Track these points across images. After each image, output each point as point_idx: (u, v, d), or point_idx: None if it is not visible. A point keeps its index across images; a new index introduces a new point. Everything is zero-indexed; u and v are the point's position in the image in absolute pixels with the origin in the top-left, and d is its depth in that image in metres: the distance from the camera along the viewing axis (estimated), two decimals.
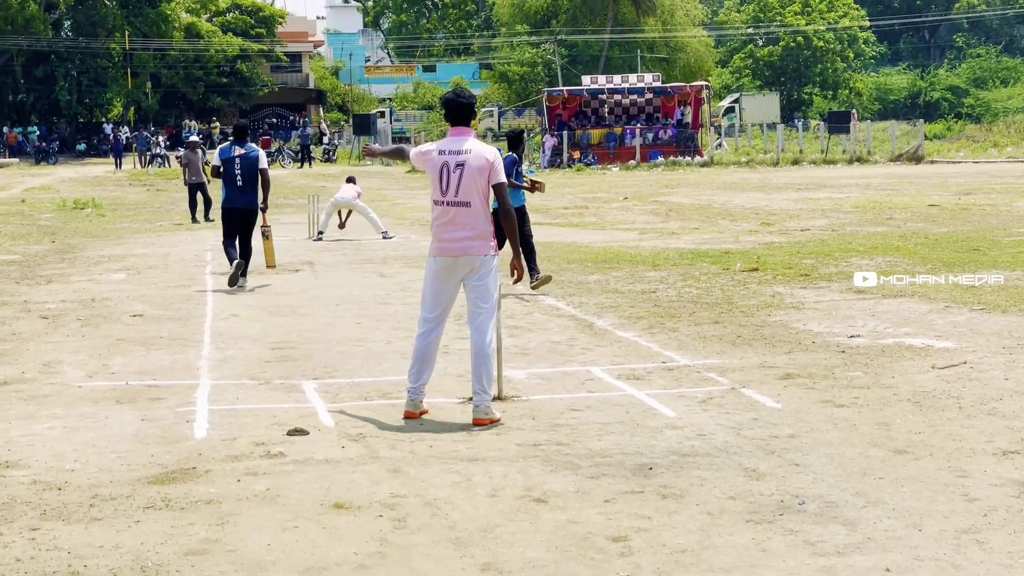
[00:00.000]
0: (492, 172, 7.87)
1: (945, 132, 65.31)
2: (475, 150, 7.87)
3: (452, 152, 7.88)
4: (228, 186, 14.95)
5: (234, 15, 74.78)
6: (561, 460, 6.91)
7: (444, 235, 7.91)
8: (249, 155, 15.00)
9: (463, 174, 7.82)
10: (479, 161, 7.84)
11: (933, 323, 11.22)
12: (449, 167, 7.85)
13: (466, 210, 7.85)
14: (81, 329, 11.80)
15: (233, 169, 14.88)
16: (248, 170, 14.93)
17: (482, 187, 7.85)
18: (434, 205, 7.95)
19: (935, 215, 22.70)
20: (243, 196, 14.99)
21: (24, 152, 63.77)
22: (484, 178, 7.84)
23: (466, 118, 8.05)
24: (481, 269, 7.91)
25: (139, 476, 6.67)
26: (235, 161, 14.90)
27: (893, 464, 6.68)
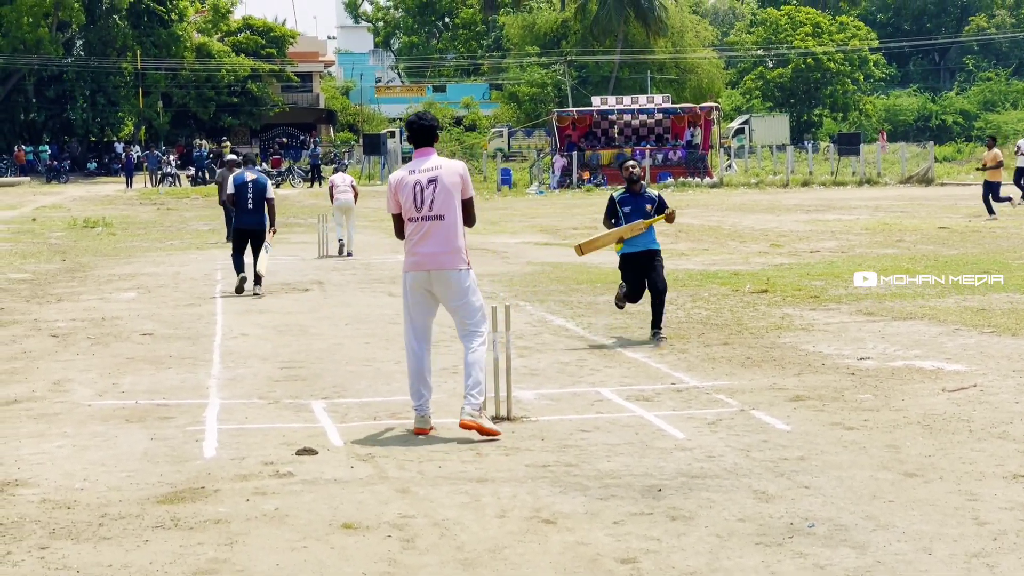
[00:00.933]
0: (465, 187, 8.17)
1: (955, 155, 65.23)
2: (445, 166, 8.14)
3: (422, 170, 8.12)
4: (240, 209, 16.49)
5: (245, 35, 75.01)
6: (570, 481, 6.91)
7: (418, 249, 8.10)
8: (259, 182, 16.56)
9: (436, 188, 8.04)
10: (452, 176, 8.09)
11: (943, 345, 11.20)
12: (422, 184, 8.06)
13: (440, 224, 8.03)
14: (91, 348, 11.83)
15: (245, 193, 16.37)
16: (257, 195, 16.41)
17: (457, 201, 8.10)
18: (408, 223, 8.13)
19: (945, 237, 22.67)
20: (252, 217, 16.46)
21: (35, 171, 63.96)
22: (458, 192, 8.10)
23: (429, 139, 8.27)
24: (457, 286, 8.07)
25: (148, 495, 6.67)
26: (247, 186, 16.40)
27: (903, 487, 6.66)
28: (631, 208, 11.85)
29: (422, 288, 8.16)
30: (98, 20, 69.02)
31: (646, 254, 11.90)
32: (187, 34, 70.96)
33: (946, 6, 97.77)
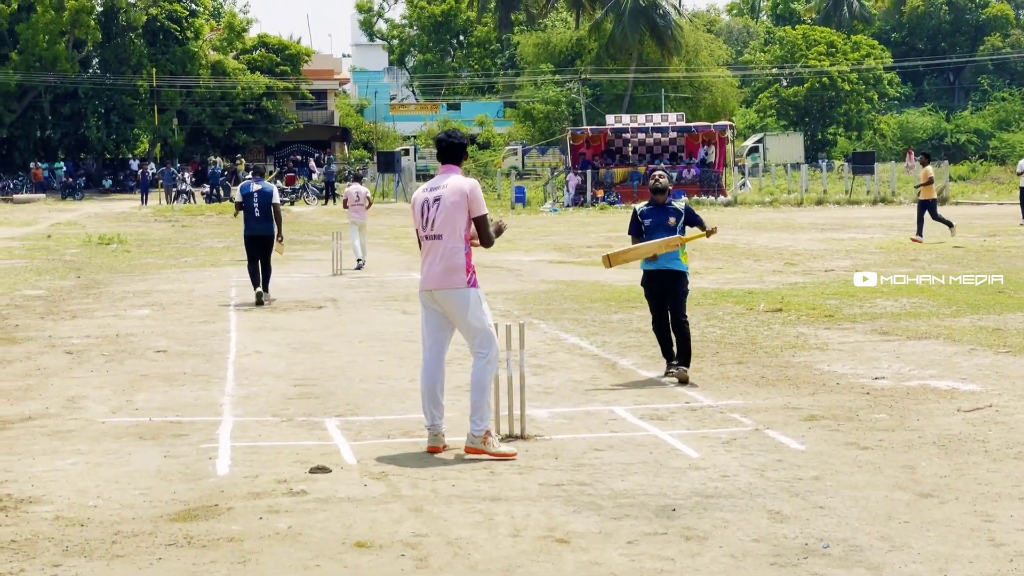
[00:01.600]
0: (471, 204, 8.03)
1: (970, 174, 65.10)
2: (451, 184, 8.06)
3: (432, 188, 8.15)
4: (248, 218, 17.45)
5: (260, 53, 75.27)
6: (584, 500, 6.89)
7: (423, 268, 8.19)
8: (265, 190, 17.55)
9: (438, 208, 8.03)
10: (454, 195, 8.01)
11: (958, 365, 11.16)
12: (428, 202, 8.10)
13: (438, 243, 8.03)
14: (105, 365, 11.85)
15: (252, 203, 17.39)
16: (264, 203, 17.36)
17: (458, 221, 7.99)
18: (420, 241, 8.24)
19: (960, 257, 22.61)
20: (260, 224, 17.41)
21: (51, 188, 64.21)
22: (460, 212, 7.99)
23: (453, 157, 8.23)
24: (460, 305, 8.01)
25: (161, 513, 6.67)
26: (254, 196, 17.42)
27: (918, 508, 6.62)
28: (652, 221, 10.92)
29: (432, 306, 8.17)
30: (114, 38, 69.38)
31: (667, 275, 10.86)
32: (202, 52, 71.25)
33: (961, 25, 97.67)
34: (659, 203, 11.00)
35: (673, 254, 10.87)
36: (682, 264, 10.94)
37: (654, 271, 10.93)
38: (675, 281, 10.90)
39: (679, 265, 10.91)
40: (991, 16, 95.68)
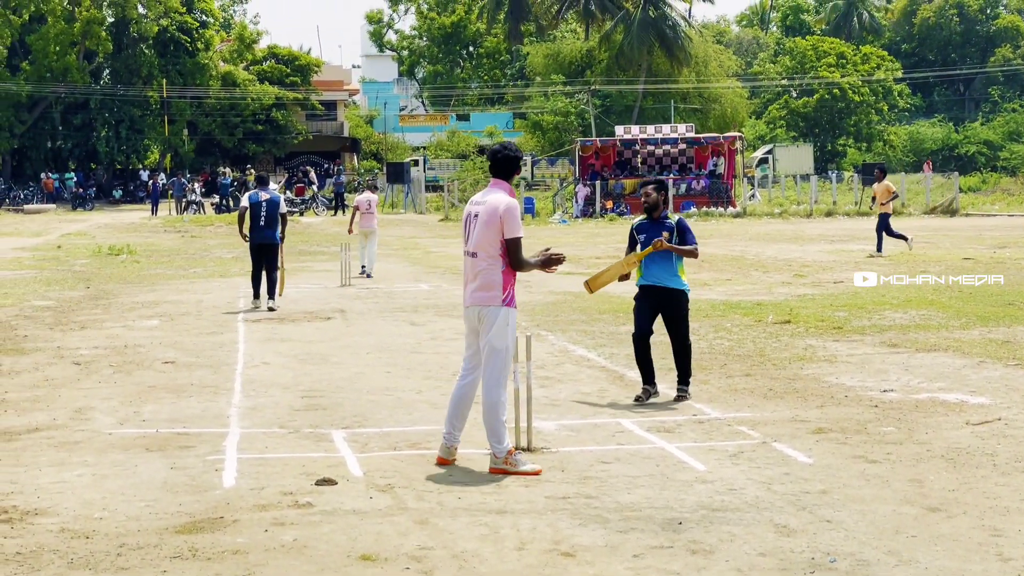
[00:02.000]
0: (504, 225, 7.83)
1: (980, 185, 65.02)
2: (490, 201, 7.92)
3: (476, 203, 8.04)
4: (254, 226, 17.84)
5: (270, 64, 75.49)
6: (590, 513, 6.87)
7: (464, 284, 8.15)
8: (273, 200, 17.95)
9: (475, 225, 7.95)
10: (488, 214, 7.88)
11: (967, 378, 11.12)
12: (470, 217, 8.03)
13: (472, 260, 7.98)
14: (113, 376, 11.85)
15: (259, 211, 17.79)
16: (271, 212, 17.80)
17: (492, 240, 7.86)
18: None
19: (970, 268, 22.54)
20: (265, 232, 17.83)
21: (61, 198, 64.39)
22: (494, 231, 7.84)
23: (504, 171, 8.10)
24: (487, 322, 7.92)
25: (167, 525, 6.66)
26: (262, 204, 17.82)
27: (926, 522, 6.59)
28: (646, 236, 10.44)
29: (467, 321, 8.15)
30: (125, 49, 69.65)
31: (663, 293, 10.36)
32: (213, 63, 71.46)
33: (971, 37, 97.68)
34: (653, 218, 10.54)
35: (671, 269, 10.36)
36: (680, 281, 10.42)
37: (650, 287, 10.44)
38: (674, 301, 10.39)
39: (677, 283, 10.38)
40: (1002, 27, 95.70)
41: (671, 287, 10.37)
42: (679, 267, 10.43)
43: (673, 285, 10.37)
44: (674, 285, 10.37)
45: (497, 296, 7.87)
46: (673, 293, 10.37)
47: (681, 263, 10.45)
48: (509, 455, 7.84)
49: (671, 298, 10.38)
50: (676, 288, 10.37)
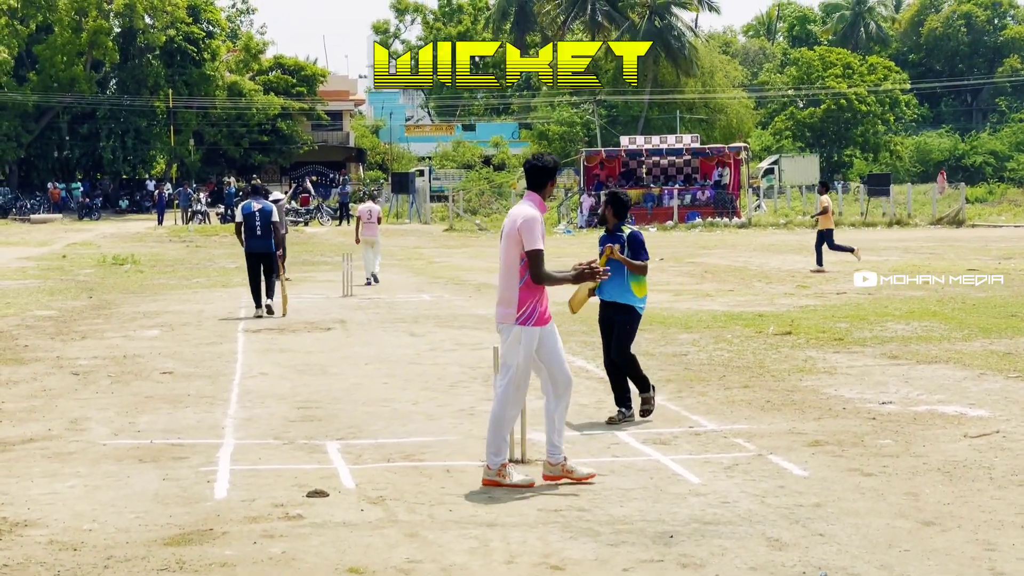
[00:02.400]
0: (522, 237, 7.67)
1: (987, 196, 64.92)
2: (514, 213, 7.82)
3: (509, 215, 7.93)
4: (249, 236, 18.25)
5: (276, 74, 75.61)
6: (581, 526, 6.83)
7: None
8: (265, 209, 18.37)
9: (502, 237, 7.88)
10: (509, 226, 7.79)
11: (967, 390, 11.07)
12: (504, 230, 7.91)
13: (499, 274, 7.87)
14: (111, 386, 11.83)
15: (253, 222, 18.23)
16: (264, 222, 18.25)
17: (512, 253, 7.72)
18: None
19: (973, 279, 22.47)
20: (261, 242, 18.26)
21: (68, 208, 64.48)
22: (514, 244, 7.71)
23: (535, 183, 7.93)
24: (503, 338, 7.83)
25: (156, 537, 6.63)
26: (255, 215, 18.25)
27: (920, 536, 6.55)
28: (602, 249, 10.19)
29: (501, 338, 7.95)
30: (131, 59, 69.80)
31: (612, 308, 10.03)
32: (219, 73, 71.59)
33: (979, 47, 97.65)
34: (608, 231, 10.21)
35: (623, 285, 9.95)
36: (630, 297, 10.01)
37: (604, 302, 10.11)
38: (619, 315, 10.02)
39: (624, 297, 10.00)
40: (1009, 38, 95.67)
41: (620, 302, 9.99)
42: (632, 283, 10.00)
43: (622, 300, 9.99)
44: (623, 300, 9.99)
45: (511, 314, 7.71)
46: (620, 308, 10.00)
47: (637, 280, 10.01)
48: (503, 468, 7.75)
49: (617, 312, 10.01)
50: (623, 303, 9.99)
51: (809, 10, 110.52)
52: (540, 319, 7.76)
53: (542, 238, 7.71)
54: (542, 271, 7.67)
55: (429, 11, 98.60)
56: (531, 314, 7.71)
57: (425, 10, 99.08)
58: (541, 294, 7.76)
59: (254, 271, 18.20)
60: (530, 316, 7.71)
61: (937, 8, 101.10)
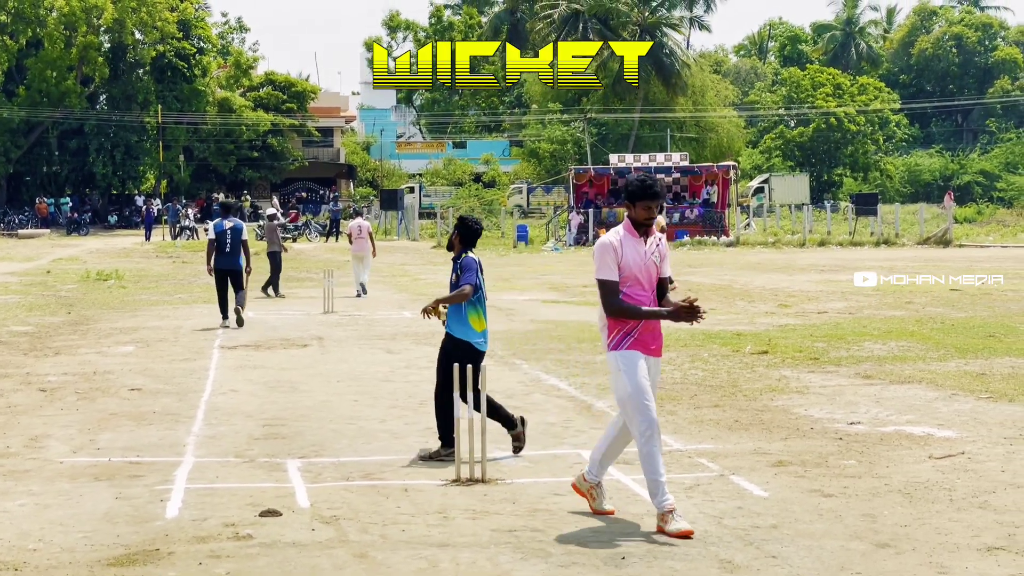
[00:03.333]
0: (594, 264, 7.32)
1: (976, 216, 64.99)
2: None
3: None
4: (220, 253, 18.99)
5: (267, 90, 75.61)
6: (534, 547, 6.75)
7: None
8: (236, 228, 19.17)
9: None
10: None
11: (937, 411, 11.01)
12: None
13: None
14: (76, 403, 11.74)
15: (225, 239, 18.99)
16: (235, 239, 19.02)
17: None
18: None
19: (956, 300, 22.45)
20: (230, 259, 19.00)
21: (56, 223, 64.36)
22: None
23: (628, 202, 7.31)
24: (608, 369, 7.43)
25: (100, 557, 6.54)
26: (227, 232, 19.02)
27: (873, 558, 6.48)
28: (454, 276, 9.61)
29: None
30: (121, 75, 69.72)
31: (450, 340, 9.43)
32: (209, 89, 71.57)
33: (969, 68, 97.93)
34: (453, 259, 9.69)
35: (459, 316, 9.34)
36: (464, 330, 9.31)
37: (447, 333, 9.50)
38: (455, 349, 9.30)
39: (459, 331, 9.33)
40: (1000, 59, 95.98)
41: (453, 336, 9.37)
42: (473, 314, 9.35)
43: (455, 334, 9.36)
44: (456, 334, 9.35)
45: (605, 339, 7.29)
46: (457, 342, 9.33)
47: (475, 312, 9.37)
48: (666, 514, 7.00)
49: (454, 346, 9.33)
50: (456, 336, 9.33)
51: (800, 30, 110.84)
52: (636, 343, 7.18)
53: (611, 266, 7.17)
54: (612, 302, 7.15)
55: (420, 28, 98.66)
56: (622, 338, 7.19)
57: (417, 27, 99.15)
58: (636, 323, 7.19)
59: (222, 285, 19.00)
60: (621, 340, 7.20)
61: (928, 29, 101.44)
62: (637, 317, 7.16)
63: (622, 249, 7.19)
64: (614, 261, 7.17)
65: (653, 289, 7.30)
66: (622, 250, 7.19)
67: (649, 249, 7.27)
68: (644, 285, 7.23)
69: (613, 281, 7.16)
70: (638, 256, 7.21)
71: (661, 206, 7.42)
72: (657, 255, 7.32)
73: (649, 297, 7.24)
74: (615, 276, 7.16)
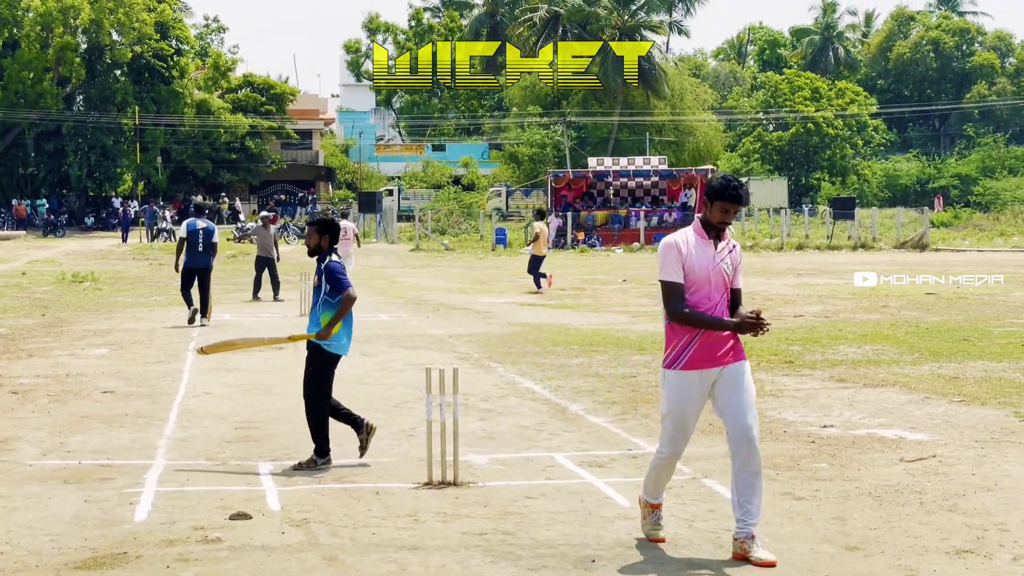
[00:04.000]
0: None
1: (952, 220, 65.23)
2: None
3: None
4: (191, 251, 19.53)
5: (245, 92, 75.39)
6: (504, 550, 6.74)
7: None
8: (208, 228, 19.89)
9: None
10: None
11: (910, 414, 11.04)
12: None
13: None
14: (48, 405, 11.67)
15: (196, 239, 19.58)
16: (207, 239, 19.72)
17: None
18: None
19: (931, 303, 22.53)
20: (201, 258, 19.66)
21: (33, 225, 64.03)
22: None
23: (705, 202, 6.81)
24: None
25: (67, 560, 6.51)
26: (199, 232, 19.65)
27: (842, 561, 6.49)
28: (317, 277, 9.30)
29: None
30: (98, 76, 69.39)
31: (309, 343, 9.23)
32: (187, 91, 71.31)
33: (947, 73, 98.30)
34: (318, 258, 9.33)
35: (316, 320, 9.12)
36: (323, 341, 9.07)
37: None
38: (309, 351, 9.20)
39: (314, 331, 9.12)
40: (977, 64, 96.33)
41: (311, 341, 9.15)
42: (322, 317, 9.11)
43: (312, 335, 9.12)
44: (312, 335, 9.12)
45: (664, 354, 6.89)
46: (315, 347, 9.13)
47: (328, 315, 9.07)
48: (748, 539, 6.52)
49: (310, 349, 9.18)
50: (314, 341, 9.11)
51: (779, 34, 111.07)
52: (695, 361, 6.71)
53: (675, 267, 6.64)
54: (674, 305, 6.65)
55: (400, 31, 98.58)
56: (677, 355, 6.74)
57: (397, 30, 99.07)
58: (695, 333, 6.69)
59: (188, 280, 19.63)
60: (677, 357, 6.74)
61: (906, 34, 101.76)
62: (700, 325, 6.63)
63: (687, 250, 6.65)
64: (678, 262, 6.64)
65: (723, 298, 6.72)
66: (687, 252, 6.65)
67: (720, 254, 6.72)
68: (711, 293, 6.66)
69: (677, 283, 6.63)
70: (706, 260, 6.66)
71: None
72: (728, 262, 6.76)
73: (717, 307, 6.67)
74: (679, 278, 6.63)
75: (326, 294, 9.10)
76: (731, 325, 6.64)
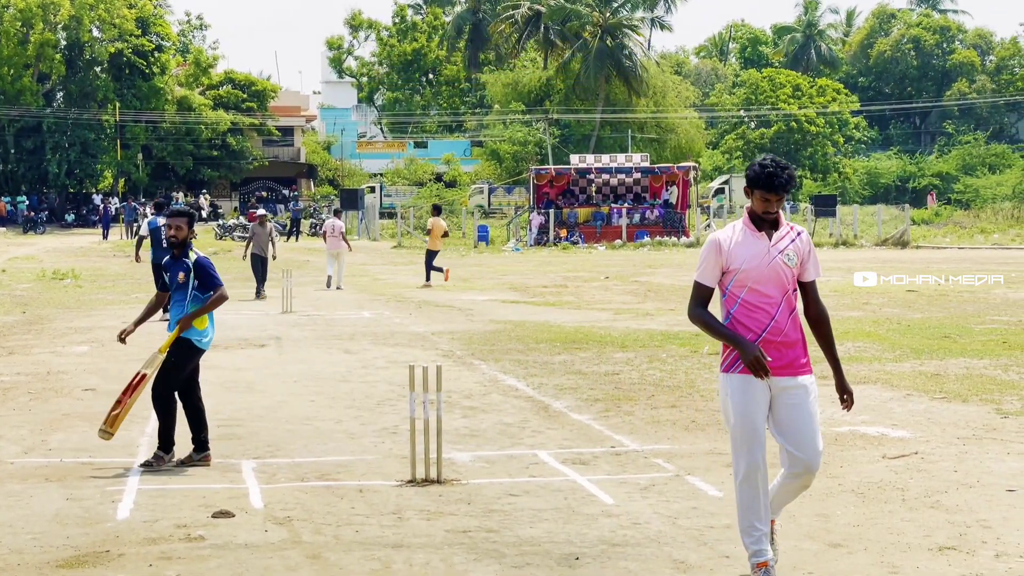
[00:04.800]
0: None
1: (933, 217, 65.50)
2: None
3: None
4: (156, 247, 19.58)
5: (226, 89, 75.16)
6: (487, 548, 6.73)
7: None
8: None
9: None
10: None
11: (892, 411, 11.07)
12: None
13: None
14: (29, 403, 11.62)
15: (159, 235, 19.56)
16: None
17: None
18: None
19: (912, 301, 22.61)
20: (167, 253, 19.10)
21: (12, 221, 63.72)
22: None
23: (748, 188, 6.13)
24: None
25: (49, 559, 6.47)
26: (160, 229, 19.54)
27: (825, 558, 6.50)
28: (170, 275, 9.13)
29: None
30: (78, 72, 69.05)
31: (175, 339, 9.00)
32: (168, 87, 71.04)
33: (927, 71, 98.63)
34: (175, 256, 9.19)
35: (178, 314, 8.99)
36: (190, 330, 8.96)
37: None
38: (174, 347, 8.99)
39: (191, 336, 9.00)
40: (957, 62, 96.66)
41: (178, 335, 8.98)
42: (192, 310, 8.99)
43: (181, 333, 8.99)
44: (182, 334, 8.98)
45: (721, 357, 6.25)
46: (178, 340, 8.97)
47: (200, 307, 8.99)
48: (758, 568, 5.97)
49: (175, 344, 8.97)
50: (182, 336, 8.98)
51: (761, 32, 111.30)
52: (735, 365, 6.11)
53: (710, 269, 6.09)
54: (690, 306, 6.21)
55: (383, 28, 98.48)
56: (735, 359, 6.09)
57: (379, 27, 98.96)
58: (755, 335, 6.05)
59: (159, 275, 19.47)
60: (734, 361, 6.10)
61: (886, 32, 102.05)
62: (710, 333, 6.16)
63: (731, 247, 6.02)
64: (716, 265, 6.04)
65: (787, 295, 6.06)
66: (731, 248, 6.01)
67: (778, 246, 6.02)
68: (770, 290, 6.00)
69: (704, 286, 6.10)
70: (758, 253, 5.98)
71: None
72: (792, 252, 6.04)
73: (778, 303, 6.04)
74: (708, 281, 6.08)
75: (195, 289, 8.98)
76: (741, 344, 5.97)
